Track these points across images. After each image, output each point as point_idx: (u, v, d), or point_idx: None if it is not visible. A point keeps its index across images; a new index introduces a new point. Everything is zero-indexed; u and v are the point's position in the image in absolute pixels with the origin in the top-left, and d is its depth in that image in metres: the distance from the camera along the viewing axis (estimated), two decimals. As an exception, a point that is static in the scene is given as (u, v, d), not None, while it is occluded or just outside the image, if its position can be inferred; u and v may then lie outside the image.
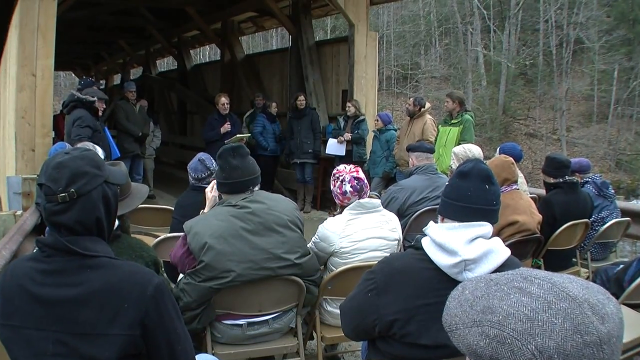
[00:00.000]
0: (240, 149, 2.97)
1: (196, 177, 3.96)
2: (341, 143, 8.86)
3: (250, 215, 2.86)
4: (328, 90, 10.60)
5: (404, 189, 4.67)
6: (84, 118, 7.20)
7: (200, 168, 3.97)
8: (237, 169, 2.92)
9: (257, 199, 2.92)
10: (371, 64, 9.44)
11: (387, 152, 8.37)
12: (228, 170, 2.92)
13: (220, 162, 2.97)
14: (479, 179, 2.00)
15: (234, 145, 2.99)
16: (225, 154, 2.95)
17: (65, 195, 1.70)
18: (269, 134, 9.74)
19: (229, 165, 2.92)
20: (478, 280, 1.10)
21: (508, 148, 5.25)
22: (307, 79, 10.51)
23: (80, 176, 1.73)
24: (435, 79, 35.08)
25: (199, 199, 3.77)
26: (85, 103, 7.30)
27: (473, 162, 2.06)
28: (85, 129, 7.12)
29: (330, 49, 10.62)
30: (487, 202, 1.99)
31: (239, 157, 2.95)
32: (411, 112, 7.84)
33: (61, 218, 1.70)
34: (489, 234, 1.96)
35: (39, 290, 1.67)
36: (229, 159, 2.93)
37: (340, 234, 3.23)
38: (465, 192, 1.99)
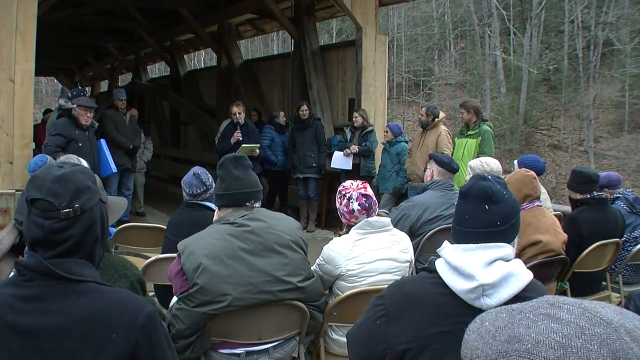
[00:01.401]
0: (243, 160, 2.99)
1: (191, 192, 3.96)
2: (347, 156, 8.89)
3: (250, 235, 2.86)
4: (333, 99, 10.65)
5: (417, 206, 4.68)
6: (58, 126, 7.29)
7: (195, 183, 3.96)
8: (239, 179, 2.94)
9: (257, 216, 2.93)
10: (380, 71, 9.49)
11: (398, 166, 8.38)
12: (228, 181, 2.94)
13: (221, 171, 2.99)
14: (476, 199, 2.00)
15: (237, 155, 3.01)
16: (226, 163, 2.98)
17: (70, 211, 1.71)
18: (278, 147, 9.75)
19: (230, 175, 2.94)
20: (498, 311, 1.10)
21: (529, 161, 5.26)
22: (310, 87, 10.55)
23: (84, 191, 1.75)
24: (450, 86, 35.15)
25: (193, 217, 3.80)
26: (66, 111, 7.40)
27: (473, 179, 2.05)
28: (56, 138, 7.17)
29: (336, 54, 10.68)
30: (488, 223, 1.98)
31: (242, 168, 2.97)
32: (424, 122, 7.87)
33: (61, 236, 1.70)
34: (509, 255, 1.96)
35: (17, 319, 1.64)
36: (231, 169, 2.95)
37: (346, 256, 3.24)
38: (463, 215, 2.00)
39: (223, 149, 8.72)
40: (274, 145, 9.75)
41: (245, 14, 12.61)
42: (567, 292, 4.26)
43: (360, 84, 9.40)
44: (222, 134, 9.20)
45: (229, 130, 9.02)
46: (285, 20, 10.94)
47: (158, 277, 3.67)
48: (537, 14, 31.93)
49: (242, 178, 2.95)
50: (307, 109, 9.39)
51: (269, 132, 9.79)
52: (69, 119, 7.37)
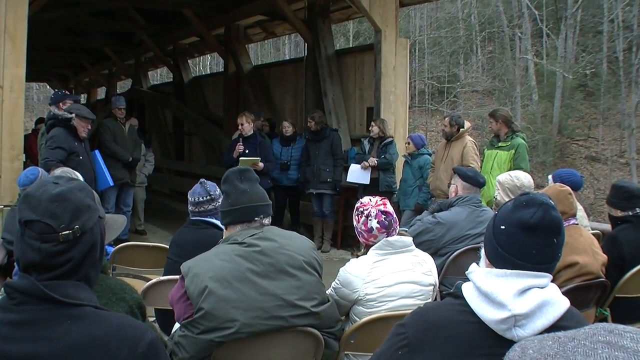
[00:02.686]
0: (249, 173, 3.03)
1: (193, 200, 4.01)
2: (365, 169, 8.89)
3: (259, 255, 2.87)
4: (350, 108, 10.69)
5: (442, 224, 4.68)
6: (57, 138, 7.24)
7: (198, 190, 4.01)
8: (246, 193, 2.96)
9: (267, 235, 2.94)
10: (401, 77, 9.52)
11: (420, 180, 8.39)
12: (235, 195, 2.96)
13: (226, 186, 3.01)
14: (548, 233, 1.95)
15: (242, 168, 3.04)
16: (231, 176, 3.00)
17: (69, 233, 1.71)
18: (278, 159, 9.83)
19: (236, 189, 2.97)
20: (542, 339, 1.10)
21: (565, 175, 5.24)
22: (325, 95, 10.59)
23: (84, 211, 1.76)
24: (476, 94, 35.13)
25: (198, 236, 3.81)
26: (62, 121, 7.38)
27: (541, 209, 1.97)
28: (57, 151, 7.15)
29: (353, 59, 10.72)
30: (554, 257, 1.98)
31: (248, 181, 2.99)
32: (447, 133, 7.89)
33: (60, 260, 1.71)
34: (546, 284, 1.95)
35: (6, 346, 1.63)
36: (236, 183, 2.98)
37: (365, 278, 3.24)
38: (529, 249, 1.94)
39: (227, 162, 8.82)
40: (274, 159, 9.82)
41: (255, 15, 12.67)
42: (607, 319, 4.22)
43: (379, 92, 9.43)
44: (228, 146, 9.32)
45: (235, 142, 9.13)
46: (297, 23, 11.00)
47: (159, 301, 3.68)
48: (572, 13, 31.84)
49: (250, 192, 2.97)
50: (315, 121, 9.41)
51: (273, 144, 9.92)
52: (65, 129, 7.37)
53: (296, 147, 9.88)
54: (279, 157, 9.81)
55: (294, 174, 9.88)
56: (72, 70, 23.52)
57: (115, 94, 16.58)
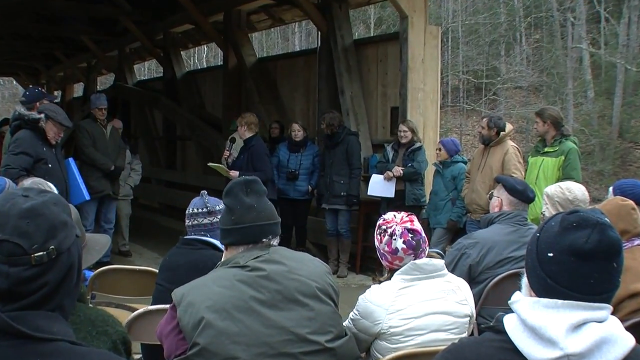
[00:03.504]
0: (256, 184, 3.03)
1: (188, 212, 4.06)
2: (389, 180, 8.90)
3: (265, 281, 2.88)
4: (371, 107, 10.72)
5: (480, 244, 4.68)
6: (22, 141, 7.22)
7: (195, 201, 4.08)
8: (252, 210, 2.97)
9: (274, 258, 2.94)
10: (431, 71, 9.54)
11: (454, 192, 8.41)
12: (239, 212, 2.97)
13: (229, 200, 3.02)
14: (607, 258, 1.94)
15: (249, 178, 3.05)
16: (236, 188, 3.01)
17: (43, 255, 1.71)
18: (284, 168, 9.90)
19: (241, 204, 2.98)
20: None
21: (628, 186, 5.15)
22: (342, 93, 10.61)
23: (60, 228, 1.76)
24: (520, 90, 35.04)
25: (193, 258, 3.82)
26: (29, 122, 7.36)
27: (596, 230, 1.95)
28: (20, 158, 7.16)
29: (375, 51, 10.75)
30: (614, 284, 1.97)
31: (255, 194, 3.01)
32: (486, 137, 7.90)
33: (31, 287, 1.70)
34: (605, 317, 1.94)
35: None
36: (241, 196, 2.99)
37: (388, 309, 3.25)
38: (586, 279, 1.93)
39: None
40: (280, 167, 9.92)
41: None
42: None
43: (405, 89, 9.44)
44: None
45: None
46: (309, 8, 11.04)
47: (146, 335, 3.68)
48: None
49: (257, 207, 2.98)
50: (327, 122, 9.42)
51: (282, 150, 10.01)
52: (32, 131, 7.36)
53: (306, 154, 9.96)
54: (286, 166, 9.87)
55: (302, 185, 9.95)
56: (43, 63, 23.65)
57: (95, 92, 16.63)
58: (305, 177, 9.95)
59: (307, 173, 9.98)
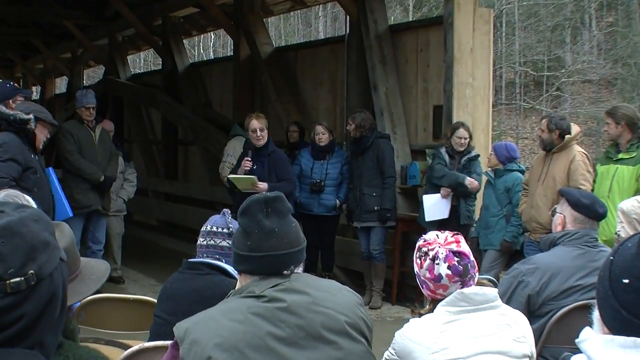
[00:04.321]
0: (279, 203, 3.00)
1: (205, 229, 4.09)
2: (446, 198, 8.94)
3: (285, 314, 2.87)
4: (410, 106, 10.70)
5: (540, 270, 4.63)
6: (9, 146, 7.16)
7: (216, 219, 4.11)
8: (272, 234, 2.94)
9: (296, 287, 2.94)
10: (482, 62, 9.54)
11: (508, 207, 8.40)
12: (257, 237, 2.95)
13: (246, 221, 3.00)
14: None
15: (270, 196, 3.03)
16: (253, 208, 2.98)
17: (21, 281, 1.70)
18: (307, 178, 9.90)
19: (260, 227, 2.95)
20: None
21: None
22: (375, 88, 10.59)
23: (41, 249, 1.75)
24: (589, 85, 34.86)
25: (199, 285, 3.83)
26: (14, 122, 7.34)
27: None
28: (9, 165, 7.11)
29: (414, 38, 10.72)
30: None
31: (276, 215, 2.97)
32: (547, 141, 7.87)
33: (6, 319, 1.69)
34: None
35: None
36: (259, 218, 2.96)
37: (431, 347, 3.23)
38: None
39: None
40: (302, 176, 9.91)
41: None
42: None
43: (450, 84, 9.43)
44: (237, 161, 9.42)
45: (242, 157, 9.21)
46: (336, -12, 11.08)
47: (142, 377, 3.69)
48: None
49: (278, 232, 2.95)
50: (356, 124, 9.41)
51: (305, 156, 10.02)
52: (16, 135, 7.31)
53: (333, 161, 9.94)
54: (309, 176, 9.87)
55: (329, 198, 9.93)
56: (19, 53, 23.73)
57: (81, 87, 16.81)
58: (333, 189, 9.92)
59: (335, 184, 9.94)
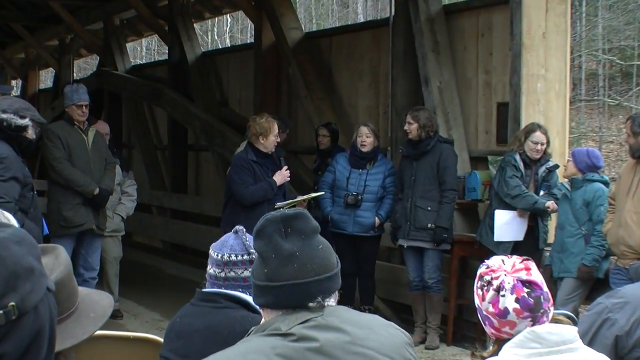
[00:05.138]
0: (301, 221, 3.00)
1: (218, 258, 4.10)
2: (523, 216, 9.01)
3: (318, 356, 2.84)
4: (469, 103, 10.82)
5: (630, 305, 4.54)
6: (10, 162, 7.11)
7: (231, 243, 4.11)
8: (292, 259, 2.93)
9: (330, 323, 2.92)
10: (557, 50, 9.54)
11: (588, 225, 8.41)
12: (275, 263, 2.94)
13: (261, 244, 3.00)
14: None
15: (288, 213, 3.02)
16: (269, 229, 2.98)
17: (0, 315, 1.71)
18: (342, 189, 10.00)
19: (278, 250, 2.94)
20: None
21: None
22: (426, 82, 10.65)
23: (25, 277, 1.77)
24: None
25: (215, 321, 3.87)
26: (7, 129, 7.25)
27: None
28: (11, 185, 7.08)
29: (474, 21, 10.83)
30: None
31: (298, 236, 2.97)
32: (635, 147, 7.94)
33: None
34: None
35: None
36: (276, 240, 2.95)
37: (496, 399, 3.24)
38: None
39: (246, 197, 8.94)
40: (336, 187, 10.07)
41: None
42: None
43: (518, 76, 9.45)
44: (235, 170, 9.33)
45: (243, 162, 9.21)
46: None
47: None
48: None
49: (300, 257, 2.94)
50: (421, 123, 9.41)
51: (341, 163, 10.14)
52: (9, 144, 7.30)
53: (375, 171, 10.06)
54: (344, 187, 9.99)
55: (367, 216, 10.03)
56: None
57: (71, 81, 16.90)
58: (372, 205, 10.01)
59: (375, 199, 10.03)
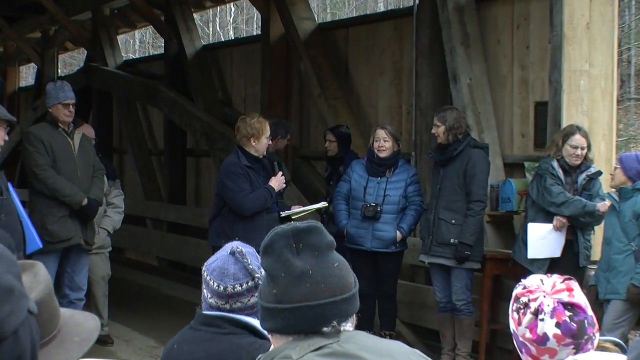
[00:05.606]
0: (313, 234, 3.01)
1: (218, 289, 4.12)
2: (559, 229, 8.98)
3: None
4: (503, 103, 10.90)
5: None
6: None
7: (232, 269, 4.12)
8: (305, 278, 2.96)
9: (347, 350, 2.94)
10: (602, 42, 9.56)
11: (638, 241, 8.44)
12: (284, 282, 2.97)
13: (269, 262, 3.03)
14: None
15: (300, 226, 3.02)
16: (278, 244, 3.00)
17: None
18: (359, 200, 10.00)
19: (287, 269, 2.96)
20: None
21: None
22: (455, 79, 10.71)
23: (3, 298, 1.80)
24: None
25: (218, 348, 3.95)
26: None
27: None
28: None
29: (509, 10, 10.91)
30: None
31: (310, 251, 2.99)
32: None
33: None
34: None
35: None
36: (286, 256, 2.97)
37: None
38: None
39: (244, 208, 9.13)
40: (353, 197, 10.10)
41: None
42: None
43: (559, 72, 9.45)
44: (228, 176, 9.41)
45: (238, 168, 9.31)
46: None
47: None
48: None
49: (313, 275, 2.97)
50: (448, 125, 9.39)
51: (357, 170, 10.17)
52: None
53: (395, 179, 10.10)
54: (361, 197, 10.01)
55: (387, 229, 10.09)
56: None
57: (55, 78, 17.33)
58: (392, 217, 10.06)
59: (396, 210, 10.08)
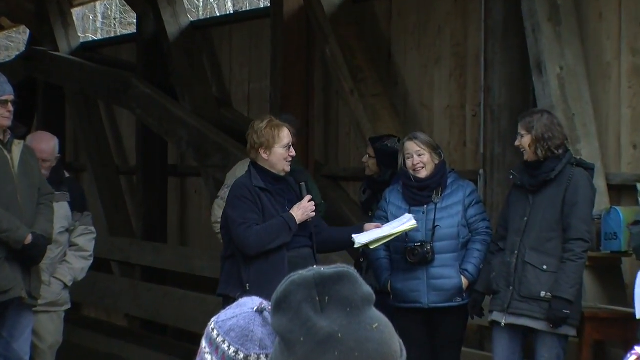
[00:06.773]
0: (342, 284, 2.74)
1: (234, 358, 3.55)
2: None
3: None
4: (607, 100, 10.78)
5: None
6: None
7: (262, 336, 3.47)
8: (333, 344, 2.65)
9: None
10: None
11: None
12: (305, 349, 2.67)
13: (284, 321, 2.77)
14: None
15: (325, 272, 2.78)
16: (295, 297, 2.75)
17: None
18: (399, 241, 9.60)
19: (310, 331, 2.68)
20: None
21: None
22: (540, 67, 10.52)
23: None
24: None
25: None
26: None
27: None
28: None
29: None
30: None
31: (341, 307, 2.69)
32: None
33: None
34: None
35: None
36: (309, 314, 2.69)
37: None
38: None
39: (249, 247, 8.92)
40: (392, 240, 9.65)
41: None
42: None
43: None
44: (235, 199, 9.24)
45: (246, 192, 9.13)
46: None
47: None
48: None
49: (345, 340, 2.63)
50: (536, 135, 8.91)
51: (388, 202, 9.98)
52: None
53: (447, 203, 9.70)
54: (403, 237, 9.54)
55: (448, 274, 9.55)
56: None
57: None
58: (452, 257, 9.46)
59: (455, 246, 9.49)
